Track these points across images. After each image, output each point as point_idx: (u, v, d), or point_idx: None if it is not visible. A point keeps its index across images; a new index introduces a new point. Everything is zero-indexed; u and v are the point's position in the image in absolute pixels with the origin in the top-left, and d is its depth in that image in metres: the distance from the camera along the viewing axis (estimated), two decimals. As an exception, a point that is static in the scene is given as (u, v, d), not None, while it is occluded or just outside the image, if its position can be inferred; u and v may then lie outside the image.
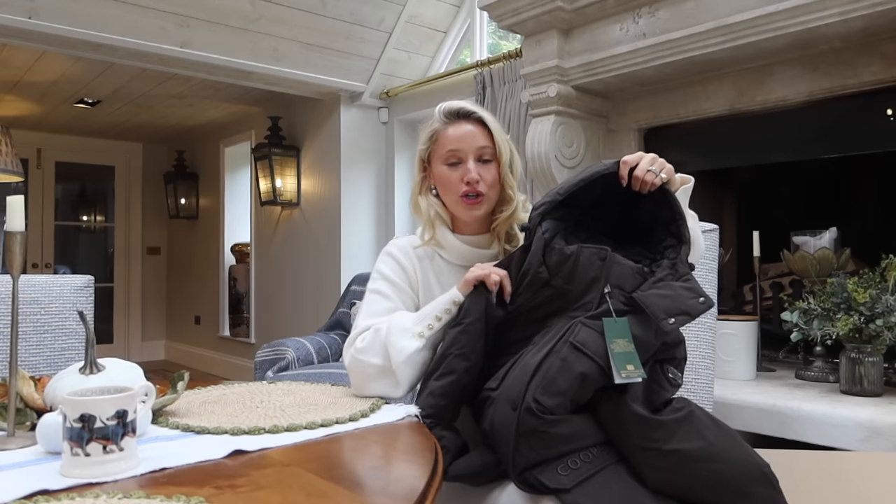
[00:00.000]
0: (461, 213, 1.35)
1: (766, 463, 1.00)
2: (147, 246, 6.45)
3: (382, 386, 1.23)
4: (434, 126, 1.37)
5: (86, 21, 3.11)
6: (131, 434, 0.84)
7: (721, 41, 2.09)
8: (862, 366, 1.82)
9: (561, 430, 1.03)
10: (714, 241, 1.61)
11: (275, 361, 2.97)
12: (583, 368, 1.04)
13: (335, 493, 0.78)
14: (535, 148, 2.58)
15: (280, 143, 4.57)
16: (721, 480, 0.96)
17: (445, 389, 1.16)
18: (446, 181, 1.34)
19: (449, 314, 1.22)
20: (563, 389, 1.04)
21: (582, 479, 0.99)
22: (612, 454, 1.04)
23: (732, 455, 1.00)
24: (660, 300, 1.06)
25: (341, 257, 4.20)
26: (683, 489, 0.97)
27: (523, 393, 1.05)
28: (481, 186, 1.31)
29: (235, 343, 5.43)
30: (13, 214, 1.00)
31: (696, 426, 1.02)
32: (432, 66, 4.13)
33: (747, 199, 2.88)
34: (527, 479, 1.03)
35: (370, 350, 1.24)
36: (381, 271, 1.36)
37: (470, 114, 1.35)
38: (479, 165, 1.32)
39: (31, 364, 1.45)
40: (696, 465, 0.98)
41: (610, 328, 1.06)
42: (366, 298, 1.35)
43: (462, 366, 1.16)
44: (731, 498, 0.95)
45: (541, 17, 2.45)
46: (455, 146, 1.33)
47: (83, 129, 5.68)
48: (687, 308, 1.06)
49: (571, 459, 1.02)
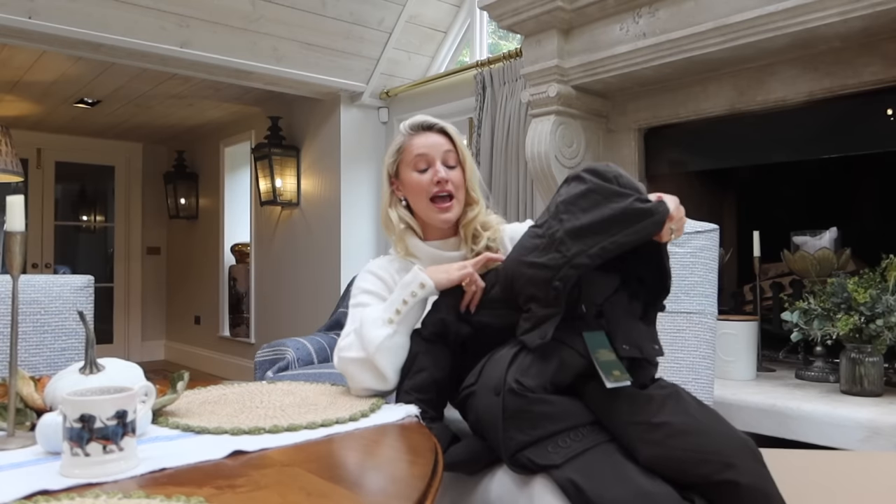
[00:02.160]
0: (433, 219, 1.41)
1: (749, 438, 1.02)
2: (147, 246, 6.45)
3: (369, 379, 1.25)
4: (400, 140, 1.45)
5: (86, 21, 3.11)
6: (131, 434, 0.84)
7: (721, 41, 2.09)
8: (862, 366, 1.82)
9: (545, 408, 1.05)
10: (714, 241, 1.61)
11: (275, 361, 2.97)
12: (560, 354, 1.08)
13: (335, 493, 0.78)
14: (535, 148, 2.58)
15: (280, 143, 4.57)
16: (708, 452, 0.98)
17: (419, 385, 1.21)
18: (416, 186, 1.40)
19: (414, 297, 1.25)
20: (542, 371, 1.07)
21: (572, 455, 1.00)
22: (602, 434, 1.05)
23: (717, 429, 1.02)
24: (626, 331, 1.11)
25: (341, 257, 4.20)
26: (674, 464, 0.98)
27: (504, 378, 1.08)
28: (450, 186, 1.39)
29: (235, 343, 5.43)
30: (13, 214, 1.00)
31: (682, 403, 1.05)
32: (432, 66, 4.13)
33: (747, 199, 2.88)
34: (518, 460, 1.04)
35: (350, 347, 1.28)
36: (361, 286, 1.41)
37: (433, 125, 1.45)
38: (445, 169, 1.40)
39: (31, 364, 1.45)
40: (684, 437, 0.99)
41: (590, 341, 1.08)
42: (350, 314, 1.37)
43: (429, 361, 1.23)
44: (718, 469, 0.96)
45: (541, 17, 2.45)
46: (422, 151, 1.41)
47: (83, 129, 5.68)
48: (644, 349, 1.11)
49: (562, 438, 1.03)
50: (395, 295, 1.28)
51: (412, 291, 1.26)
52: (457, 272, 1.26)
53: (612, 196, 1.06)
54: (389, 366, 1.24)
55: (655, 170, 2.64)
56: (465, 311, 1.26)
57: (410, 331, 1.27)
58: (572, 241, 1.05)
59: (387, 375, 1.24)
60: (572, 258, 1.05)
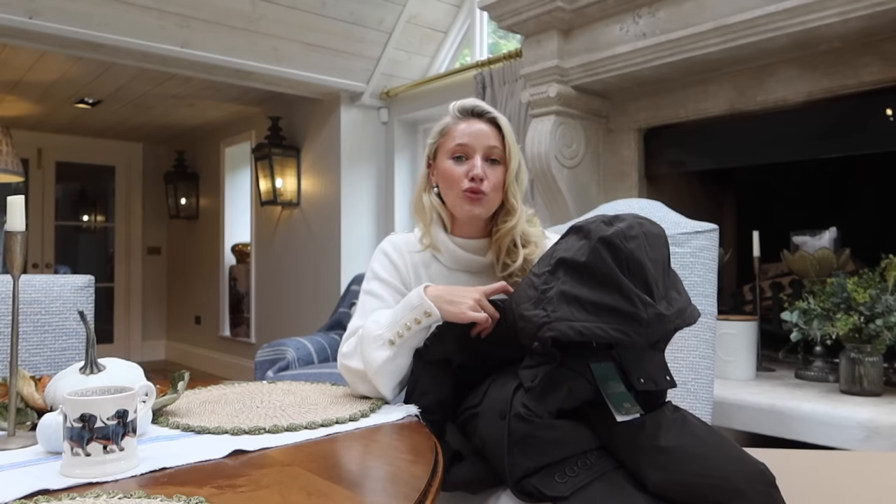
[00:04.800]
0: (461, 210, 1.31)
1: (761, 462, 1.00)
2: (147, 246, 6.45)
3: (368, 390, 1.23)
4: (446, 121, 1.34)
5: (86, 21, 3.11)
6: (131, 434, 0.84)
7: (721, 41, 2.09)
8: (862, 366, 1.82)
9: (552, 434, 1.01)
10: (714, 241, 1.61)
11: (275, 361, 2.97)
12: (569, 382, 1.04)
13: (335, 493, 0.78)
14: (535, 148, 2.58)
15: (280, 143, 4.57)
16: (717, 477, 0.95)
17: (424, 407, 1.16)
18: (450, 175, 1.30)
19: (418, 324, 1.17)
20: (550, 398, 1.03)
21: (579, 486, 0.98)
22: (610, 461, 1.02)
23: (727, 454, 1.00)
24: (640, 362, 1.07)
25: (341, 257, 4.20)
26: (682, 489, 0.96)
27: (510, 401, 1.04)
28: (485, 185, 1.27)
29: (235, 343, 5.43)
30: (14, 214, 1.00)
31: (689, 426, 1.03)
32: (432, 66, 4.13)
33: (747, 199, 2.88)
34: (524, 487, 1.01)
35: (352, 355, 1.24)
36: (375, 270, 1.35)
37: (484, 112, 1.33)
38: (485, 165, 1.29)
39: (31, 364, 1.45)
40: (693, 462, 0.97)
41: (599, 372, 1.04)
42: (360, 299, 1.34)
43: (433, 385, 1.18)
44: (727, 496, 0.94)
45: (541, 18, 2.45)
46: (464, 140, 1.30)
47: (83, 129, 5.69)
48: (658, 383, 1.06)
49: (569, 467, 1.00)
50: (399, 314, 1.20)
51: (416, 318, 1.17)
52: (469, 311, 1.15)
53: (611, 286, 0.97)
54: (387, 386, 1.21)
55: (655, 170, 2.64)
56: (472, 339, 1.18)
57: (413, 350, 1.21)
58: (559, 303, 0.99)
59: (384, 394, 1.21)
60: (553, 321, 0.98)
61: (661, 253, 1.05)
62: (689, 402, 1.51)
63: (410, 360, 1.21)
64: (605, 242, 0.99)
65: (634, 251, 0.98)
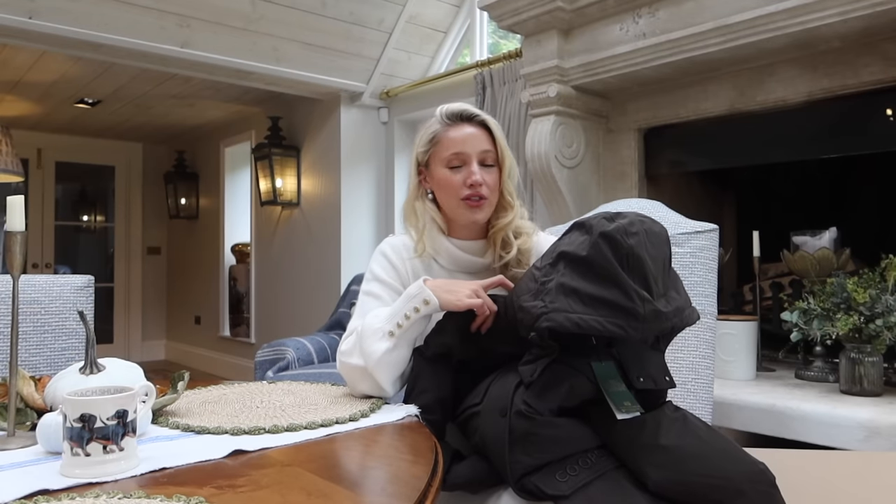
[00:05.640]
0: (461, 217, 1.33)
1: (762, 462, 1.00)
2: (147, 246, 6.45)
3: (368, 387, 1.23)
4: (434, 128, 1.34)
5: (86, 21, 3.11)
6: (131, 434, 0.84)
7: (721, 41, 2.09)
8: (862, 366, 1.82)
9: (553, 432, 1.02)
10: (714, 241, 1.61)
11: (275, 361, 2.97)
12: (570, 380, 1.04)
13: (335, 493, 0.78)
14: (535, 148, 2.58)
15: (280, 143, 4.57)
16: (717, 477, 0.95)
17: (424, 406, 1.16)
18: (447, 184, 1.31)
19: (417, 313, 1.18)
20: (551, 395, 1.03)
21: (580, 485, 0.98)
22: (611, 460, 1.02)
23: (728, 453, 1.00)
24: (640, 362, 1.07)
25: (341, 257, 4.20)
26: (683, 488, 0.96)
27: (511, 399, 1.04)
28: (484, 190, 1.29)
29: (235, 343, 5.43)
30: (13, 214, 1.00)
31: (690, 426, 1.03)
32: (432, 66, 4.13)
33: (747, 199, 2.88)
34: (525, 485, 1.01)
35: (351, 352, 1.24)
36: (374, 271, 1.36)
37: (473, 116, 1.33)
38: (481, 169, 1.30)
39: (31, 364, 1.45)
40: (693, 462, 0.97)
41: (600, 371, 1.04)
42: (359, 300, 1.34)
43: (432, 382, 1.18)
44: (728, 496, 0.94)
45: (541, 18, 2.45)
46: (459, 149, 1.30)
47: (83, 129, 5.68)
48: (658, 382, 1.07)
49: (570, 465, 1.00)
50: (399, 305, 1.22)
51: (415, 307, 1.18)
52: (466, 298, 1.16)
53: (610, 281, 0.98)
54: (388, 379, 1.21)
55: (655, 170, 2.64)
56: (473, 333, 1.19)
57: (412, 343, 1.22)
58: (557, 294, 1.00)
59: (385, 388, 1.22)
60: (551, 311, 0.99)
61: (662, 251, 1.05)
62: (689, 402, 1.51)
63: (410, 352, 1.22)
64: (606, 237, 0.99)
65: (634, 247, 0.99)
